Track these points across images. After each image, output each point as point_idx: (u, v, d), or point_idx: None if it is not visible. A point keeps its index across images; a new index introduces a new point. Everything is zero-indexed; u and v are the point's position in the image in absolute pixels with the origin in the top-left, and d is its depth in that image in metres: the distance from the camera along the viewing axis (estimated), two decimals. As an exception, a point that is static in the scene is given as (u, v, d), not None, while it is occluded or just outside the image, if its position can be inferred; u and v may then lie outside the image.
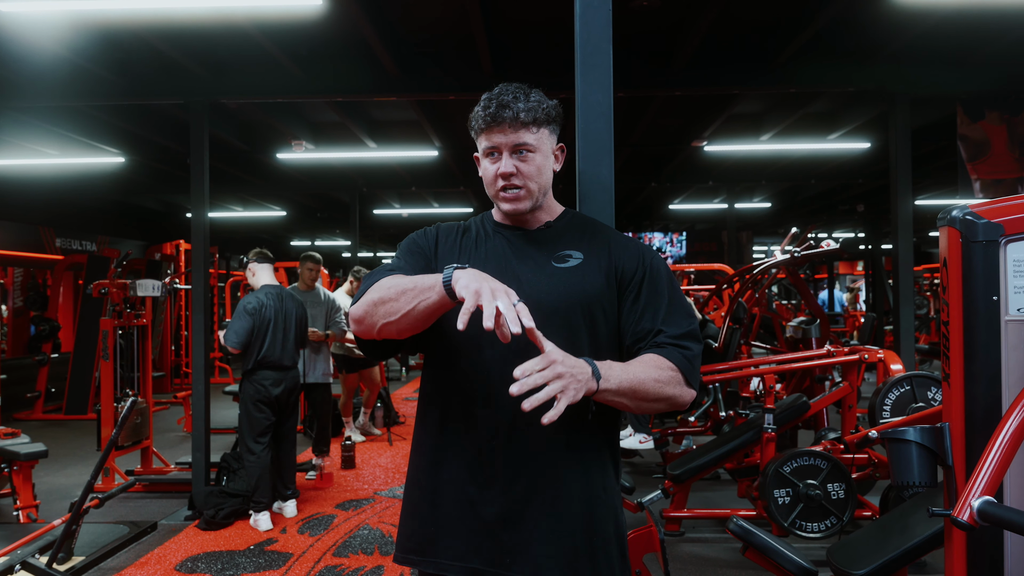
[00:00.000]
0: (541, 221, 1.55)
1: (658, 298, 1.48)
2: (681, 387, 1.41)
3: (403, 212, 13.56)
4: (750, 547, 2.56)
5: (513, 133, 1.45)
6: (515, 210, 1.49)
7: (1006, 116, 5.26)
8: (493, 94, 1.47)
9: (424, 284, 1.30)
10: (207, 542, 4.23)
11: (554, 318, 1.41)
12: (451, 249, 1.54)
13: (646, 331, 1.45)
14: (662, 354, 1.41)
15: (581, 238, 1.52)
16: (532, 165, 1.47)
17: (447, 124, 7.48)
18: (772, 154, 8.88)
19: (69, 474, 5.90)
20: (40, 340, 9.71)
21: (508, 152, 1.46)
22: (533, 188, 1.48)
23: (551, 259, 1.48)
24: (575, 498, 1.42)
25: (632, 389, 1.33)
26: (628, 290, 1.48)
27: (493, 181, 1.49)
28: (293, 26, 4.53)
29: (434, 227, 1.61)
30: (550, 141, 1.51)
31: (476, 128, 1.50)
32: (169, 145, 7.82)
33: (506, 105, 1.44)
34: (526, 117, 1.44)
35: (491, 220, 1.60)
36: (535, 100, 1.47)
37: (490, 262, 1.48)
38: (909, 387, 3.78)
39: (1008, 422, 1.46)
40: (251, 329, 4.43)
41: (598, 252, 1.50)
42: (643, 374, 1.36)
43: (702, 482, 5.14)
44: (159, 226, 13.58)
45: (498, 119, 1.44)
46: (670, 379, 1.39)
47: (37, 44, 4.79)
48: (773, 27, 4.90)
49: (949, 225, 1.67)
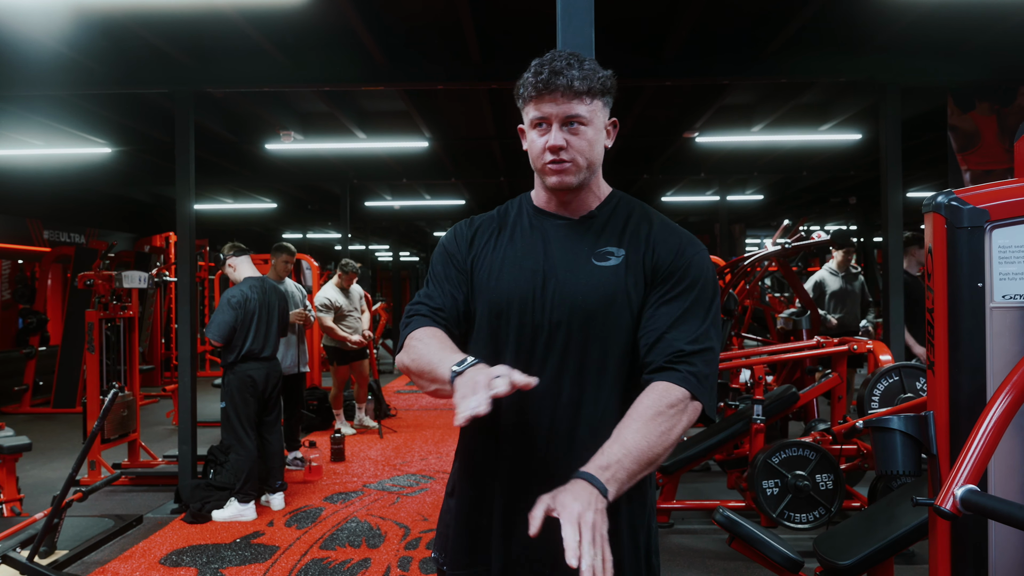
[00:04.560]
0: (585, 206, 1.45)
1: (683, 298, 1.36)
2: (687, 413, 1.29)
3: (395, 204, 13.50)
4: (736, 538, 2.55)
5: (566, 103, 1.34)
6: (561, 183, 1.38)
7: (996, 106, 5.24)
8: (544, 59, 1.36)
9: (440, 373, 1.26)
10: (193, 535, 4.20)
11: (592, 322, 1.36)
12: (485, 248, 1.47)
13: (655, 332, 1.35)
14: (665, 380, 1.30)
15: (624, 230, 1.42)
16: (584, 139, 1.36)
17: (437, 115, 7.43)
18: (764, 145, 8.86)
19: (56, 468, 5.86)
20: (28, 333, 9.64)
21: (559, 124, 1.35)
22: (582, 163, 1.38)
23: (592, 256, 1.40)
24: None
25: (639, 465, 1.21)
26: (657, 283, 1.38)
27: (540, 154, 1.38)
28: (279, 14, 4.47)
29: (469, 223, 1.53)
30: (603, 114, 1.40)
31: (524, 96, 1.38)
32: (158, 136, 7.74)
33: (559, 72, 1.33)
34: (580, 86, 1.33)
35: (530, 205, 1.50)
36: (589, 67, 1.36)
37: (523, 259, 1.43)
38: (897, 377, 3.77)
39: (992, 410, 1.44)
40: (233, 322, 4.41)
41: (638, 247, 1.40)
42: (643, 440, 1.23)
43: (692, 473, 5.13)
44: (149, 218, 13.49)
45: (550, 86, 1.33)
46: (670, 425, 1.26)
47: (20, 32, 4.72)
48: (763, 17, 4.87)
49: (934, 211, 1.65)
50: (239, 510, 4.44)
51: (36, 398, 8.93)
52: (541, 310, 1.38)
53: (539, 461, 1.37)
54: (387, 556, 3.85)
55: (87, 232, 12.48)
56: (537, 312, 1.38)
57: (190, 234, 4.92)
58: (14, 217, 10.72)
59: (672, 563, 3.74)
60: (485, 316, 1.43)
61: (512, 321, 1.40)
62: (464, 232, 1.51)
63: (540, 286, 1.39)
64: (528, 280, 1.40)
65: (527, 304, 1.39)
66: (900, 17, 4.66)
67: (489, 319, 1.42)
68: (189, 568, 3.72)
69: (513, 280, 1.41)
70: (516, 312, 1.39)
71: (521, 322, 1.39)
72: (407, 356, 1.38)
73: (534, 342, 1.38)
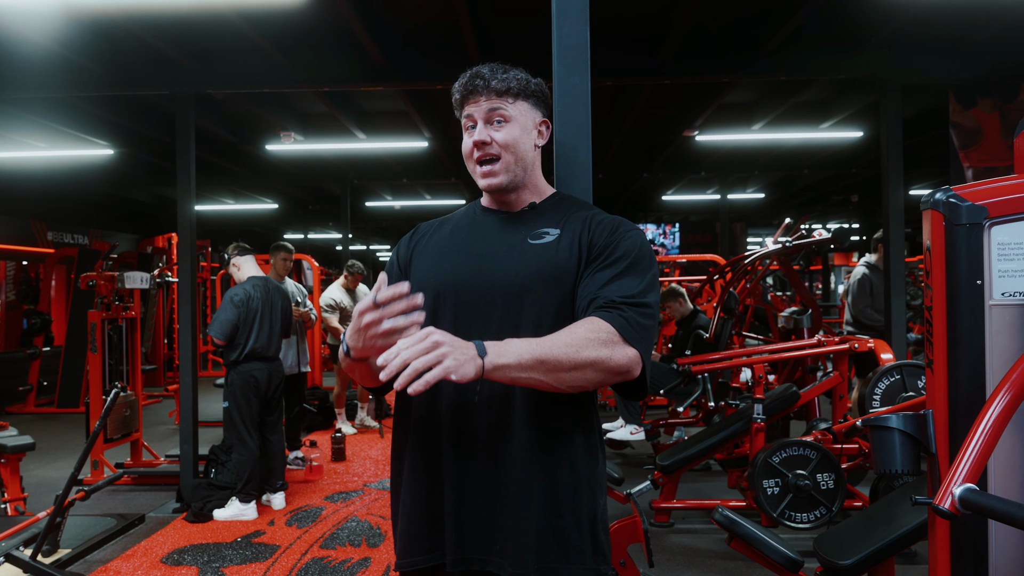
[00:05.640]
0: (525, 202, 1.51)
1: (616, 265, 1.38)
2: (611, 347, 1.27)
3: (395, 204, 13.51)
4: (736, 537, 2.54)
5: (487, 101, 1.44)
6: (490, 186, 1.47)
7: (999, 103, 5.22)
8: (472, 69, 1.47)
9: (346, 360, 1.39)
10: (194, 534, 4.20)
11: (526, 296, 1.39)
12: (427, 245, 1.55)
13: (587, 296, 1.36)
14: (597, 315, 1.31)
15: (563, 217, 1.48)
16: (506, 134, 1.44)
17: (436, 115, 7.43)
18: (764, 143, 8.84)
19: (60, 467, 5.88)
20: (32, 334, 9.68)
21: (483, 121, 1.45)
22: (509, 160, 1.45)
23: (527, 237, 1.46)
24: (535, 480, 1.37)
25: (539, 360, 1.21)
26: (592, 259, 1.41)
27: (470, 154, 1.48)
28: (278, 15, 4.47)
29: (413, 230, 1.61)
30: (531, 115, 1.48)
31: (456, 102, 1.49)
32: (159, 137, 7.77)
33: (480, 75, 1.44)
34: (499, 86, 1.43)
35: (477, 206, 1.58)
36: (512, 73, 1.46)
37: (461, 247, 1.48)
38: (899, 376, 3.75)
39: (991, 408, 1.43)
40: (236, 321, 4.41)
41: (574, 227, 1.45)
42: (550, 342, 1.24)
43: (692, 473, 5.13)
44: (151, 219, 13.52)
45: (472, 89, 1.44)
46: (589, 340, 1.25)
47: (22, 35, 4.73)
48: (762, 14, 4.85)
49: (932, 208, 1.64)
50: (240, 509, 4.44)
51: (40, 398, 8.95)
52: (477, 290, 1.42)
53: (482, 427, 1.39)
54: (387, 555, 3.85)
55: (90, 233, 12.52)
56: (473, 292, 1.42)
57: (191, 235, 4.92)
58: (18, 218, 10.76)
59: (672, 563, 3.74)
60: (426, 302, 1.43)
61: (449, 302, 1.43)
62: (406, 239, 1.61)
63: (477, 267, 1.44)
64: (465, 263, 1.46)
65: (463, 286, 1.43)
66: (900, 13, 4.64)
67: (429, 304, 1.42)
68: (190, 567, 3.73)
69: (451, 264, 1.47)
70: (452, 294, 1.43)
71: (457, 303, 1.43)
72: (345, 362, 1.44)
73: (471, 320, 1.40)
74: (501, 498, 1.38)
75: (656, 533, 4.07)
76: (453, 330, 1.31)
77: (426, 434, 1.43)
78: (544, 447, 1.38)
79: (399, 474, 1.49)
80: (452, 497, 1.39)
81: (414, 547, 1.43)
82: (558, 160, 1.76)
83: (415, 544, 1.43)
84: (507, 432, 1.38)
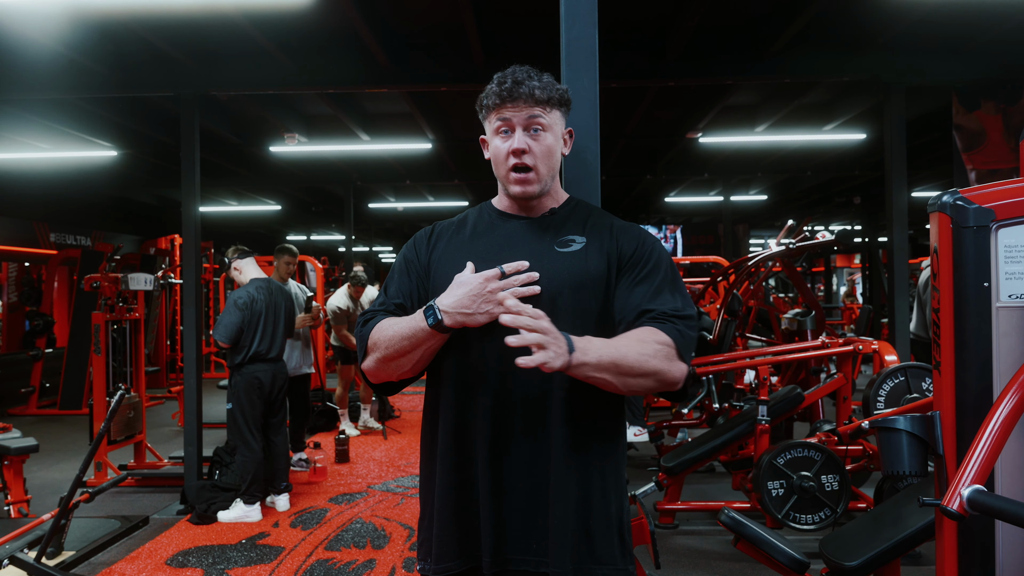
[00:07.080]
0: (545, 207, 1.52)
1: (653, 277, 1.44)
2: (671, 361, 1.34)
3: (398, 206, 13.52)
4: (741, 539, 2.54)
5: (527, 109, 1.43)
6: (524, 194, 1.47)
7: (1002, 106, 5.22)
8: (507, 72, 1.46)
9: (419, 335, 1.37)
10: (199, 536, 4.21)
11: (558, 301, 1.40)
12: (447, 248, 1.52)
13: (636, 307, 1.40)
14: (655, 326, 1.36)
15: (584, 224, 1.50)
16: (544, 144, 1.45)
17: (440, 116, 7.44)
18: (767, 146, 8.85)
19: (63, 469, 5.88)
20: (34, 335, 9.68)
21: (521, 128, 1.44)
22: (543, 171, 1.46)
23: (554, 244, 1.46)
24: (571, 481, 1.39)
25: (614, 363, 1.28)
26: (624, 270, 1.45)
27: (504, 159, 1.46)
28: (283, 17, 4.48)
29: (430, 229, 1.59)
30: (560, 124, 1.50)
31: (488, 105, 1.47)
32: (163, 139, 7.78)
33: (521, 82, 1.43)
34: (541, 95, 1.43)
35: (492, 209, 1.56)
36: (548, 80, 1.46)
37: (489, 255, 1.46)
38: (903, 378, 3.76)
39: (998, 409, 1.44)
40: (240, 324, 4.42)
41: (600, 235, 1.48)
42: (625, 347, 1.31)
43: (697, 475, 5.12)
44: (154, 221, 13.53)
45: (514, 95, 1.43)
46: (656, 351, 1.32)
47: (28, 36, 4.74)
48: (766, 17, 4.86)
49: (939, 211, 1.64)
50: (244, 511, 4.45)
51: (43, 400, 8.96)
52: None
53: (518, 428, 1.40)
54: (392, 557, 3.85)
55: (93, 235, 12.53)
56: None
57: (195, 236, 4.93)
58: (21, 220, 10.78)
59: (677, 564, 3.74)
60: None
61: None
62: (423, 238, 1.58)
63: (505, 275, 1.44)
64: None
65: None
66: (904, 16, 4.65)
67: None
68: (195, 569, 3.73)
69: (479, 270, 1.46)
70: None
71: None
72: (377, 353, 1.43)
73: (505, 329, 1.39)
74: (539, 499, 1.39)
75: (661, 535, 4.07)
76: (481, 333, 1.36)
77: (460, 437, 1.43)
78: (579, 447, 1.41)
79: (429, 479, 1.48)
80: (489, 499, 1.39)
81: (446, 553, 1.43)
82: (567, 162, 1.76)
83: (447, 550, 1.43)
84: (544, 432, 1.39)
